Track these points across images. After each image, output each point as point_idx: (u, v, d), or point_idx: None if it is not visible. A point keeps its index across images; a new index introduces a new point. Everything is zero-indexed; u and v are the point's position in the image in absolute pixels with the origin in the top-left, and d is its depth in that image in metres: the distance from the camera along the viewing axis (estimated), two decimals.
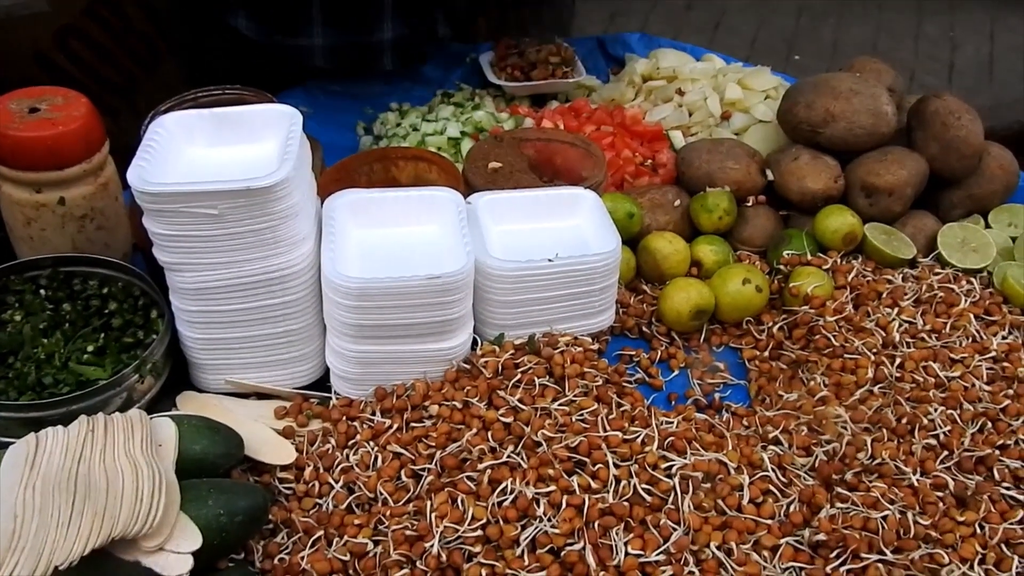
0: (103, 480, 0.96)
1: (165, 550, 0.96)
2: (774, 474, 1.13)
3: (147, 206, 1.12)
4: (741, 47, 3.92)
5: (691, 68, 1.89)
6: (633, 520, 1.07)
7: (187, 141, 1.24)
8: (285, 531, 1.11)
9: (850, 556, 1.05)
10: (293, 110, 1.25)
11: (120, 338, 1.21)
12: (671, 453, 1.13)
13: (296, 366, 1.26)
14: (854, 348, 1.32)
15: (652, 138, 1.74)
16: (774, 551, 1.06)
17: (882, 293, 1.42)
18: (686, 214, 1.55)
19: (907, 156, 1.54)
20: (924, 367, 1.30)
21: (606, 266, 1.27)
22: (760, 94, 1.79)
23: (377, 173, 1.51)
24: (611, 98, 1.86)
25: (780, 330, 1.40)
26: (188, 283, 1.16)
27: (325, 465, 1.17)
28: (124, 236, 1.34)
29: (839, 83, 1.57)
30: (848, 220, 1.48)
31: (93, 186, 1.25)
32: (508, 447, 1.13)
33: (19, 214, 1.24)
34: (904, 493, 1.13)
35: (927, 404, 1.23)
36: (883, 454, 1.16)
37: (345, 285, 1.15)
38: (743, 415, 1.29)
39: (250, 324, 1.20)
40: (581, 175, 1.52)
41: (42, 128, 1.19)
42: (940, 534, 1.08)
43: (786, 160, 1.57)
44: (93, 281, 1.27)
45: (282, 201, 1.12)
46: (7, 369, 1.16)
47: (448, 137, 1.74)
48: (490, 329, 1.29)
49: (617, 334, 1.43)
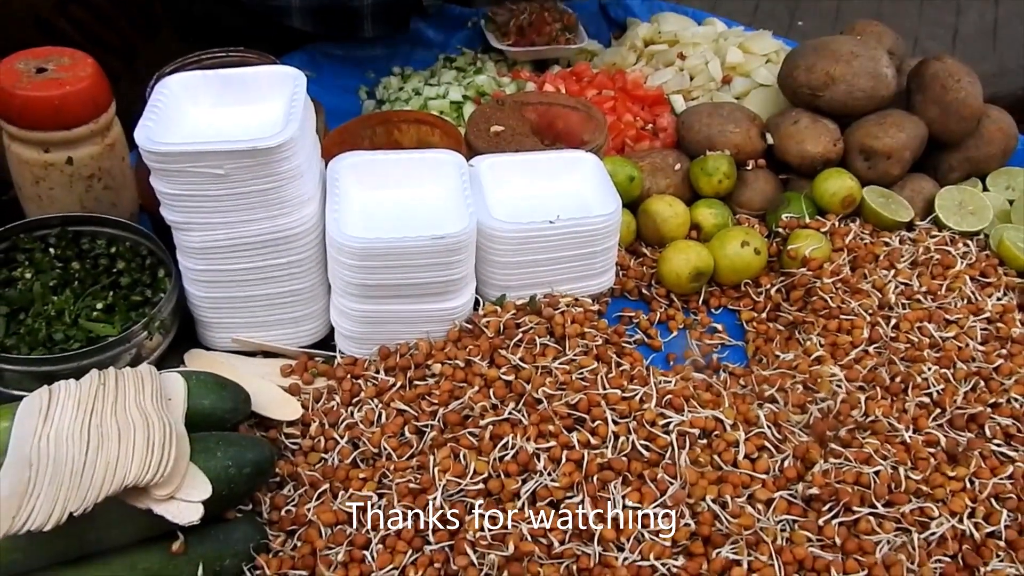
0: (115, 431, 0.98)
1: (176, 498, 0.98)
2: (769, 431, 1.15)
3: (154, 165, 1.13)
4: (743, 13, 3.89)
5: (692, 32, 1.89)
6: (631, 474, 1.09)
7: (192, 102, 1.25)
8: (291, 484, 1.14)
9: (842, 509, 1.08)
10: (297, 71, 1.25)
11: (128, 296, 1.23)
12: (668, 410, 1.15)
13: (301, 325, 1.28)
14: (850, 309, 1.34)
15: (653, 102, 1.75)
16: (768, 504, 1.08)
17: (879, 255, 1.44)
18: (686, 178, 1.57)
19: (906, 119, 1.55)
20: (919, 327, 1.32)
21: (606, 227, 1.29)
22: (761, 58, 1.80)
23: (380, 136, 1.52)
24: (612, 62, 1.86)
25: (778, 292, 1.42)
26: (195, 242, 1.18)
27: (330, 421, 1.20)
28: (131, 196, 1.35)
29: (839, 46, 1.58)
30: (846, 183, 1.49)
31: (100, 146, 1.26)
32: (509, 404, 1.15)
33: (28, 173, 1.25)
34: (896, 449, 1.15)
35: (921, 363, 1.26)
36: (876, 411, 1.18)
37: (349, 245, 1.17)
38: (740, 375, 1.31)
39: (256, 283, 1.22)
40: (582, 139, 1.53)
41: (49, 88, 1.20)
42: (931, 489, 1.11)
43: (786, 124, 1.58)
44: (101, 240, 1.28)
45: (287, 161, 1.14)
46: (19, 325, 1.18)
47: (450, 101, 1.75)
48: (492, 290, 1.31)
49: (617, 296, 1.45)
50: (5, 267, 1.24)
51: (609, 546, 1.04)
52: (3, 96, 1.21)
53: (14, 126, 1.22)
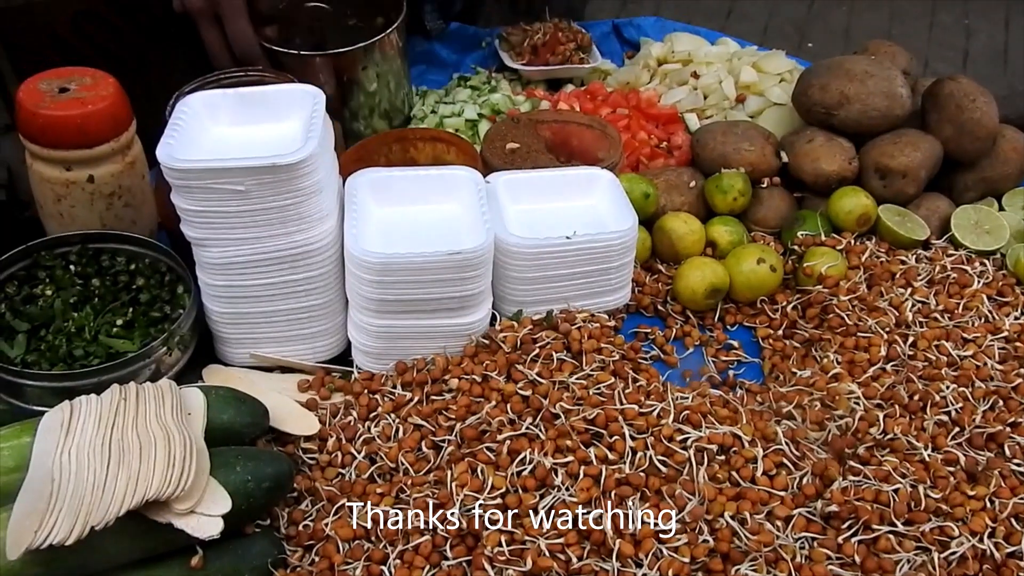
0: (136, 445, 0.99)
1: (196, 513, 0.99)
2: (787, 447, 1.15)
3: (175, 182, 1.14)
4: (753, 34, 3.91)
5: (706, 52, 1.90)
6: (649, 490, 1.09)
7: (212, 120, 1.26)
8: (309, 499, 1.15)
9: (862, 527, 1.08)
10: (316, 89, 1.27)
11: (148, 312, 1.24)
12: (686, 426, 1.15)
13: (319, 340, 1.28)
14: (867, 327, 1.34)
15: (667, 120, 1.76)
16: (787, 521, 1.08)
17: (895, 274, 1.44)
18: (701, 195, 1.57)
19: (921, 138, 1.55)
20: (936, 346, 1.31)
21: (623, 244, 1.29)
22: (775, 77, 1.81)
23: (396, 154, 1.54)
24: (626, 81, 1.88)
25: (794, 309, 1.42)
26: (214, 258, 1.19)
27: (347, 436, 1.20)
28: (150, 214, 1.37)
29: (853, 65, 1.58)
30: (862, 201, 1.50)
31: (121, 164, 1.27)
32: (527, 419, 1.16)
33: (49, 191, 1.27)
34: (915, 468, 1.14)
35: (939, 382, 1.25)
36: (895, 429, 1.18)
37: (368, 260, 1.18)
38: (757, 391, 1.31)
39: (274, 299, 1.23)
40: (597, 156, 1.54)
41: (71, 107, 1.22)
42: (951, 507, 1.10)
43: (800, 142, 1.59)
44: (121, 257, 1.30)
45: (307, 178, 1.15)
46: (39, 341, 1.19)
47: (465, 119, 1.76)
48: (508, 306, 1.31)
49: (632, 312, 1.45)
50: (27, 284, 1.25)
51: (627, 562, 1.04)
52: (26, 116, 1.22)
53: (36, 145, 1.24)
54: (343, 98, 1.64)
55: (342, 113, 1.66)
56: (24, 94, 1.23)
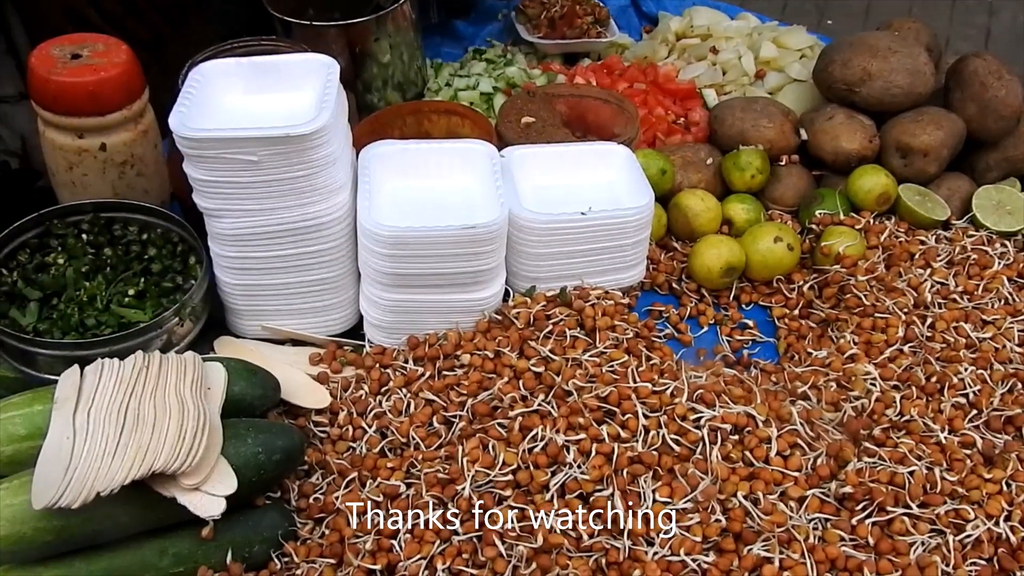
0: (151, 415, 0.98)
1: (201, 490, 0.98)
2: (802, 428, 1.13)
3: (188, 151, 1.13)
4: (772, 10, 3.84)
5: (725, 27, 1.87)
6: (661, 469, 1.08)
7: (225, 88, 1.25)
8: (320, 472, 1.14)
9: (876, 509, 1.06)
10: (330, 59, 1.25)
11: (159, 283, 1.23)
12: (700, 405, 1.14)
13: (331, 314, 1.28)
14: (885, 308, 1.32)
15: (685, 96, 1.73)
16: (800, 502, 1.07)
17: (914, 254, 1.42)
18: (718, 172, 1.55)
19: (944, 117, 1.53)
20: (955, 327, 1.29)
21: (639, 220, 1.28)
22: (795, 53, 1.78)
23: (410, 126, 1.52)
24: (644, 56, 1.85)
25: (810, 289, 1.40)
26: (227, 229, 1.18)
27: (358, 410, 1.20)
28: (162, 183, 1.36)
29: (877, 41, 1.55)
30: (882, 180, 1.47)
31: (133, 133, 1.26)
32: (539, 396, 1.15)
33: (62, 159, 1.26)
34: (932, 450, 1.13)
35: (957, 364, 1.23)
36: (912, 411, 1.17)
37: (381, 233, 1.16)
38: (771, 371, 1.30)
39: (286, 271, 1.22)
40: (613, 132, 1.52)
41: (84, 74, 1.21)
42: (966, 490, 1.09)
43: (820, 119, 1.56)
44: (133, 227, 1.29)
45: (320, 149, 1.13)
46: (51, 310, 1.18)
47: (480, 92, 1.74)
48: (522, 281, 1.30)
49: (647, 290, 1.43)
50: (39, 252, 1.25)
51: (639, 540, 1.03)
52: (38, 82, 1.21)
53: (49, 112, 1.23)
54: (356, 70, 1.62)
55: (355, 85, 1.64)
56: (36, 60, 1.22)
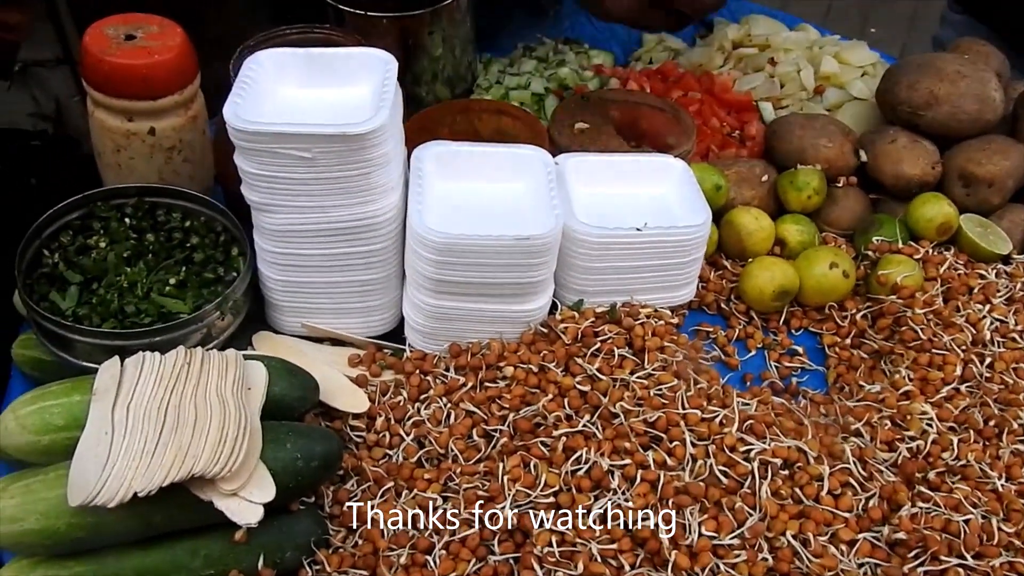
0: (192, 415, 0.96)
1: (239, 496, 0.96)
2: (855, 467, 1.10)
3: (240, 143, 1.10)
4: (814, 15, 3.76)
5: (784, 37, 1.82)
6: (708, 501, 1.05)
7: (279, 80, 1.22)
8: (355, 479, 1.12)
9: (929, 558, 1.03)
10: (389, 55, 1.22)
11: (201, 273, 1.21)
12: (750, 436, 1.10)
13: (373, 315, 1.25)
14: (942, 343, 1.28)
15: (741, 108, 1.69)
16: (851, 545, 1.03)
17: (973, 288, 1.37)
18: (772, 190, 1.51)
19: (1011, 146, 1.48)
20: (1015, 369, 1.25)
21: (695, 239, 1.24)
22: (857, 70, 1.73)
23: (460, 124, 1.49)
24: (699, 63, 1.80)
25: (863, 318, 1.36)
26: (275, 224, 1.15)
27: (396, 417, 1.17)
28: (208, 170, 1.33)
29: (945, 64, 1.50)
30: (945, 209, 1.42)
31: (183, 118, 1.24)
32: (584, 416, 1.12)
33: (109, 141, 1.23)
34: (988, 498, 1.09)
35: (1017, 407, 1.19)
36: (968, 456, 1.13)
37: (431, 238, 1.13)
38: (820, 402, 1.26)
39: (332, 270, 1.19)
40: (667, 142, 1.48)
41: (137, 56, 1.18)
42: (1023, 543, 1.05)
43: (882, 141, 1.51)
44: (176, 213, 1.26)
45: (376, 149, 1.10)
46: (91, 295, 1.16)
47: (532, 92, 1.70)
48: (569, 294, 1.27)
49: (695, 309, 1.40)
50: (81, 234, 1.22)
51: (682, 574, 1.00)
52: (91, 62, 1.19)
53: (100, 92, 1.20)
54: (406, 62, 1.59)
55: (404, 77, 1.60)
56: (90, 39, 1.19)
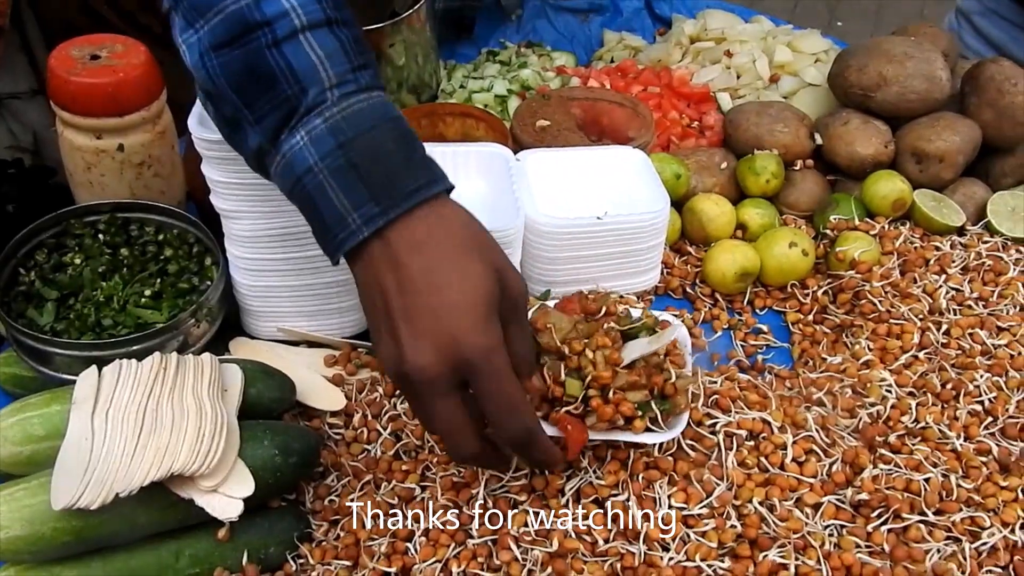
0: (169, 417, 0.99)
1: (219, 492, 0.99)
2: (817, 434, 1.13)
3: (206, 153, 1.14)
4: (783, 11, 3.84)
5: (740, 30, 1.87)
6: (677, 474, 1.08)
7: None
8: (334, 474, 1.14)
9: (892, 516, 1.06)
10: None
11: (176, 283, 1.23)
12: (715, 410, 1.14)
13: (346, 315, 1.28)
14: (900, 314, 1.32)
15: (699, 100, 1.73)
16: (816, 508, 1.07)
17: (929, 260, 1.41)
18: (733, 177, 1.55)
19: (959, 122, 1.52)
20: (970, 334, 1.29)
21: (654, 225, 1.28)
22: (810, 57, 1.78)
23: (424, 129, 1.52)
24: (658, 59, 1.85)
25: (825, 294, 1.40)
26: (244, 231, 1.18)
27: (373, 412, 1.20)
28: (179, 184, 1.36)
29: (893, 47, 1.55)
30: (898, 186, 1.47)
31: (151, 133, 1.27)
32: None
33: (80, 160, 1.26)
34: (947, 457, 1.13)
35: (972, 371, 1.23)
36: (927, 418, 1.17)
37: None
38: (786, 377, 1.30)
39: (302, 273, 1.22)
40: (628, 135, 1.52)
41: (103, 75, 1.21)
42: (982, 498, 1.09)
43: (835, 124, 1.56)
44: (150, 227, 1.29)
45: None
46: (68, 310, 1.19)
47: (495, 95, 1.74)
48: (536, 285, 1.30)
49: (661, 294, 1.43)
50: (56, 252, 1.25)
51: (654, 546, 1.03)
52: (58, 83, 1.22)
53: (68, 112, 1.23)
54: None
55: None
56: (56, 61, 1.22)
